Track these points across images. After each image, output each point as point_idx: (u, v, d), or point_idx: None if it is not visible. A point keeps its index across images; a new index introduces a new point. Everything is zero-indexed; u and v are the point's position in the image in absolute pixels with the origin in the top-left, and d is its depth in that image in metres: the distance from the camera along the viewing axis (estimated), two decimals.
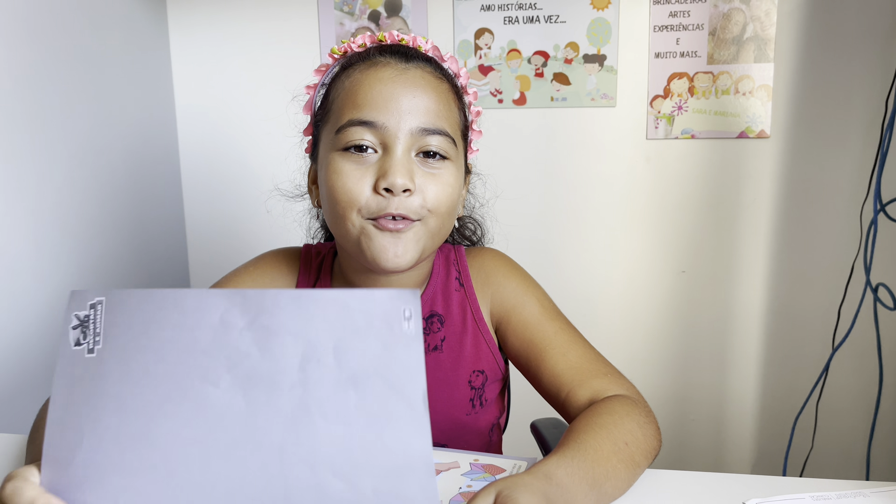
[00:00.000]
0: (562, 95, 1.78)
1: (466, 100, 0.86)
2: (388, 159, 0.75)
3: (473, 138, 0.88)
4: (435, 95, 0.78)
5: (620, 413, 0.72)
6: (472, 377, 0.87)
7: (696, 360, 1.88)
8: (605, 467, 0.65)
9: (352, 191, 0.75)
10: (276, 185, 1.02)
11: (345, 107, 0.78)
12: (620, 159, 1.80)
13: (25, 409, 1.33)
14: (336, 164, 0.77)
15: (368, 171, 0.76)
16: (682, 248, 1.83)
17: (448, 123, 0.79)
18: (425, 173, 0.77)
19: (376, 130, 0.75)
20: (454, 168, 0.79)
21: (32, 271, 1.35)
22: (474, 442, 0.89)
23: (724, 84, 1.73)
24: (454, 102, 0.82)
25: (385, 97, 0.76)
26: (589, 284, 1.86)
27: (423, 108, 0.76)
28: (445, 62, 0.84)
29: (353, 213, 0.76)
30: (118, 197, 1.63)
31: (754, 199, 1.77)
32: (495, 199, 1.04)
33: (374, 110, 0.75)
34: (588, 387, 0.79)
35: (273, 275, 0.90)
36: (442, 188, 0.77)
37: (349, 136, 0.76)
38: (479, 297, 0.89)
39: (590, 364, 0.82)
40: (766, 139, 1.74)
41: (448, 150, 0.78)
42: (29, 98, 1.33)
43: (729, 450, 1.91)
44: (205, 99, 1.88)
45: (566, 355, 0.83)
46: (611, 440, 0.68)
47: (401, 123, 0.75)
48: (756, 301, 1.82)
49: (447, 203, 0.78)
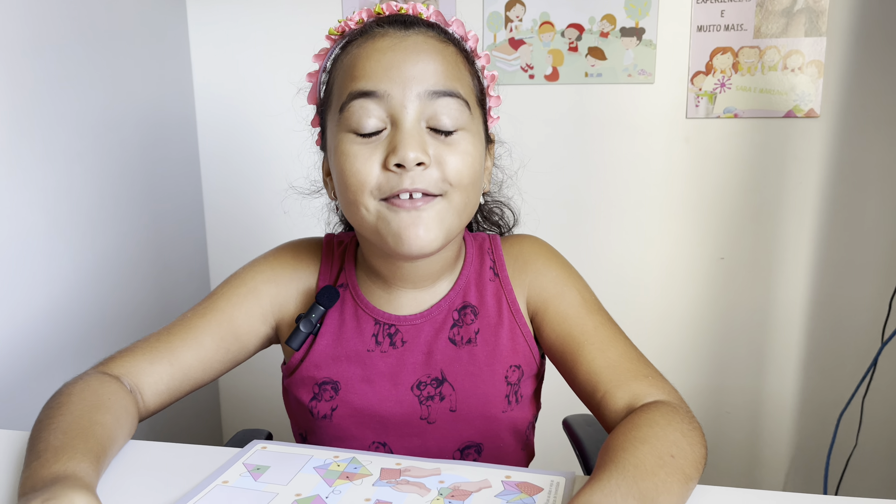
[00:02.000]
0: (597, 71, 1.69)
1: (479, 64, 0.79)
2: (397, 132, 0.69)
3: (492, 105, 0.81)
4: (441, 58, 0.72)
5: (661, 424, 0.65)
6: (508, 372, 0.81)
7: (733, 350, 1.79)
8: (652, 481, 0.58)
9: (360, 171, 0.70)
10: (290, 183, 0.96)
11: (345, 82, 0.72)
12: (658, 139, 1.71)
13: (28, 405, 1.29)
14: (342, 146, 0.71)
15: (377, 148, 0.70)
16: (722, 234, 1.74)
17: (460, 85, 0.72)
18: (440, 143, 0.71)
19: (380, 100, 0.70)
20: (471, 136, 0.73)
21: (45, 254, 1.30)
22: (510, 442, 0.83)
23: (772, 59, 1.62)
24: (464, 67, 0.75)
25: (385, 65, 0.70)
26: (621, 270, 1.78)
27: (431, 71, 0.70)
28: (450, 26, 0.77)
29: (366, 197, 0.70)
30: (134, 177, 1.57)
31: (800, 183, 1.67)
32: (522, 168, 0.97)
33: (375, 79, 0.70)
34: (627, 389, 0.73)
35: (294, 265, 0.86)
36: (461, 158, 0.71)
37: (352, 111, 0.70)
38: (514, 286, 0.83)
39: (630, 364, 0.76)
40: (815, 119, 1.64)
41: (462, 114, 0.72)
42: (43, 75, 1.27)
43: (766, 444, 1.83)
44: (223, 77, 1.81)
45: (605, 352, 0.76)
46: (654, 454, 0.61)
47: (406, 91, 0.69)
48: (799, 290, 1.73)
49: (469, 174, 0.72)
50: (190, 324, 0.81)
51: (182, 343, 0.79)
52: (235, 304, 0.82)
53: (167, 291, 1.72)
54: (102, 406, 0.68)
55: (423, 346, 0.80)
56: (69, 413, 0.66)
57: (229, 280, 0.86)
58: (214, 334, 0.81)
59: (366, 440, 0.81)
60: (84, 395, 0.69)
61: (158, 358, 0.78)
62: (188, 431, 1.82)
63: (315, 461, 0.68)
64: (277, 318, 0.85)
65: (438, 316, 0.81)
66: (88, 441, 0.63)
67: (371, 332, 0.81)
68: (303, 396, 0.82)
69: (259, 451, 0.71)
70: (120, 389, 0.73)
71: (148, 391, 0.77)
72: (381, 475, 0.65)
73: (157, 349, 0.78)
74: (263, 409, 1.96)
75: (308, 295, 0.85)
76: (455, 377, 0.79)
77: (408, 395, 0.80)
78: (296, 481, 0.64)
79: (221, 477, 0.65)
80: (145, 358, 0.77)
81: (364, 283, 0.83)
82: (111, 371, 0.76)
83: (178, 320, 0.82)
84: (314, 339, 0.82)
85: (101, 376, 0.74)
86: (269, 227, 1.86)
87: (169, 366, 0.78)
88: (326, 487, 0.63)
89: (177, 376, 0.79)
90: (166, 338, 0.79)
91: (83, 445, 0.62)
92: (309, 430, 0.84)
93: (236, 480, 0.64)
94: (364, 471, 0.66)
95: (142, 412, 0.76)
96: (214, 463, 0.69)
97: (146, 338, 0.80)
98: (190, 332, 0.80)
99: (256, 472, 0.66)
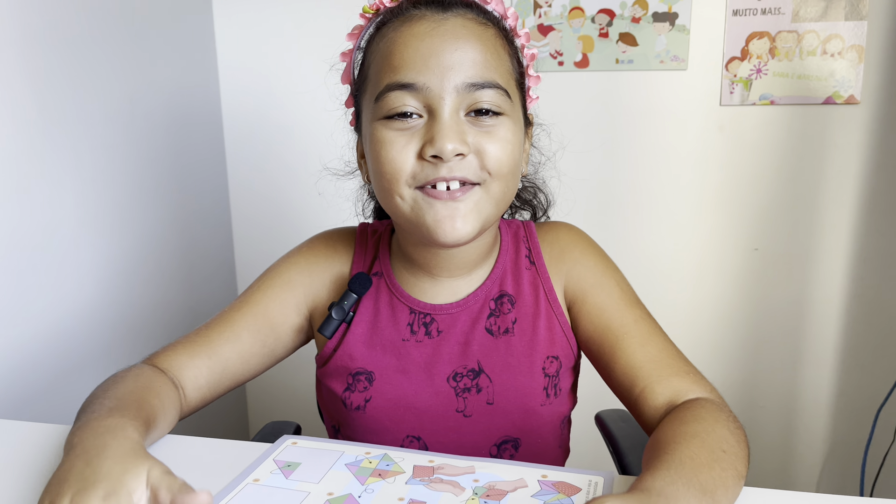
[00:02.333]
0: (628, 57, 1.65)
1: (518, 43, 0.77)
2: (435, 123, 0.68)
3: (531, 85, 0.79)
4: (480, 45, 0.70)
5: (710, 420, 0.64)
6: (546, 363, 0.79)
7: (767, 343, 1.75)
8: (709, 475, 0.56)
9: (395, 160, 0.69)
10: (324, 164, 0.95)
11: (381, 71, 0.71)
12: (691, 128, 1.67)
13: (61, 401, 1.29)
14: (378, 134, 0.70)
15: (414, 137, 0.69)
16: (756, 224, 1.70)
17: (499, 74, 0.71)
18: (479, 132, 0.69)
19: (418, 93, 0.68)
20: (511, 123, 0.71)
21: (74, 247, 1.30)
22: (548, 437, 0.82)
23: (810, 44, 1.57)
24: (504, 49, 0.73)
25: (423, 54, 0.68)
26: (652, 261, 1.75)
27: (469, 61, 0.68)
28: (489, 3, 0.74)
29: (401, 185, 0.69)
30: (160, 167, 1.57)
31: (839, 172, 1.62)
32: (562, 150, 0.94)
33: (412, 71, 0.68)
34: (667, 385, 0.71)
35: (327, 254, 0.85)
36: (501, 146, 0.70)
37: (389, 103, 0.69)
38: (551, 274, 0.81)
39: (670, 360, 0.74)
40: (855, 105, 1.58)
41: (502, 104, 0.70)
42: (66, 67, 1.27)
43: (800, 440, 1.79)
44: (248, 57, 1.80)
45: (645, 347, 0.75)
46: (706, 449, 0.59)
47: (444, 82, 0.68)
48: (836, 282, 1.68)
49: (509, 163, 0.70)
50: (227, 318, 0.81)
51: (219, 337, 0.79)
52: (270, 296, 0.82)
53: (195, 284, 1.72)
54: (153, 390, 0.70)
55: (460, 336, 0.79)
56: (124, 388, 0.68)
57: (265, 273, 0.85)
58: (251, 327, 0.81)
59: (399, 433, 0.79)
60: (139, 379, 0.70)
61: (198, 352, 0.78)
62: (214, 422, 1.82)
63: (346, 457, 0.67)
64: (311, 308, 0.84)
65: (475, 305, 0.80)
66: (141, 410, 0.65)
67: (406, 322, 0.80)
68: (336, 387, 0.81)
69: (290, 446, 0.70)
70: (168, 382, 0.74)
71: (189, 386, 0.77)
72: (414, 473, 0.63)
73: (197, 343, 0.79)
74: (291, 400, 1.95)
75: (341, 283, 0.84)
76: (492, 368, 0.78)
77: (444, 386, 0.78)
78: (327, 479, 0.63)
79: (252, 475, 0.64)
80: (185, 352, 0.78)
81: (399, 271, 0.82)
82: (158, 365, 0.76)
83: (217, 316, 0.82)
84: (347, 327, 0.81)
85: (152, 368, 0.75)
86: (297, 212, 1.85)
87: (208, 359, 0.78)
88: (359, 486, 0.62)
89: (216, 370, 0.79)
90: (205, 333, 0.80)
91: (137, 412, 0.64)
92: (342, 423, 0.83)
93: (267, 479, 0.63)
94: (396, 468, 0.64)
95: (183, 408, 0.76)
96: (244, 458, 0.68)
97: (187, 335, 0.81)
98: (227, 326, 0.80)
99: (287, 469, 0.65)
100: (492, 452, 0.79)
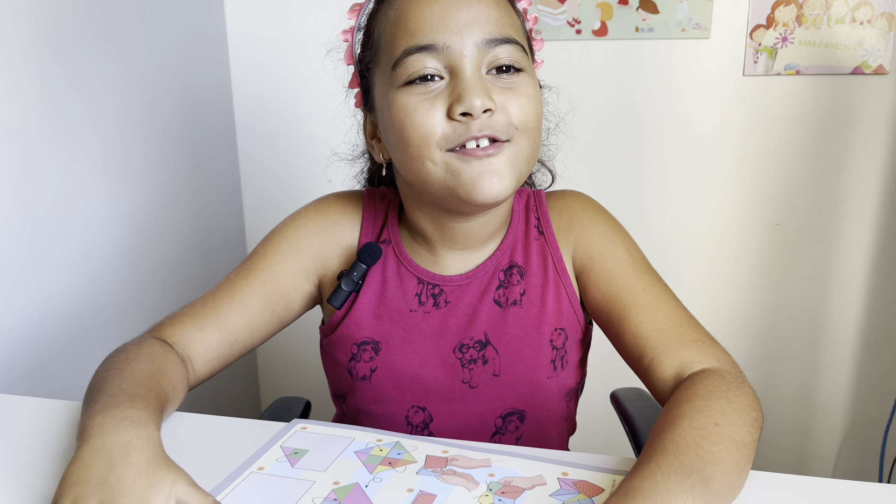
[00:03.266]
0: (648, 25, 1.59)
1: (520, 6, 0.76)
2: (459, 82, 0.66)
3: (536, 49, 0.78)
4: (493, 2, 0.70)
5: (703, 396, 0.62)
6: (553, 335, 0.78)
7: (787, 321, 1.71)
8: (695, 454, 0.55)
9: (422, 124, 0.67)
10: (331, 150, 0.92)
11: (396, 38, 0.69)
12: (713, 98, 1.61)
13: (69, 373, 1.28)
14: (400, 101, 0.68)
15: (438, 99, 0.67)
16: (778, 199, 1.65)
17: (514, 30, 0.71)
18: (502, 89, 0.68)
19: (438, 54, 0.67)
20: (531, 79, 0.71)
21: (84, 215, 1.28)
22: (554, 409, 0.81)
23: (839, 11, 1.51)
24: (512, 9, 0.73)
25: (439, 14, 0.67)
26: (672, 236, 1.70)
27: (485, 18, 0.68)
28: None
29: (432, 149, 0.67)
30: (170, 136, 1.54)
31: (866, 145, 1.57)
32: (571, 115, 0.92)
33: (431, 32, 0.67)
34: (675, 356, 0.69)
35: (337, 217, 0.83)
36: (526, 101, 0.69)
37: (409, 67, 0.67)
38: (560, 243, 0.80)
39: (679, 328, 0.72)
40: (884, 76, 1.52)
41: (521, 59, 0.70)
42: (75, 31, 1.24)
43: (818, 419, 1.76)
44: (257, 28, 1.75)
45: (653, 315, 0.73)
46: (694, 427, 0.58)
47: (464, 39, 0.67)
48: (860, 259, 1.63)
49: (534, 117, 0.70)
50: (234, 287, 0.79)
51: (228, 307, 0.77)
52: (278, 262, 0.80)
53: (206, 252, 1.70)
54: (166, 374, 0.68)
55: (468, 308, 0.78)
56: (139, 370, 0.66)
57: (270, 236, 0.83)
58: (259, 295, 0.79)
59: (405, 403, 0.78)
60: (152, 360, 0.68)
61: (206, 324, 0.76)
62: (225, 396, 1.81)
63: (357, 444, 0.64)
64: (320, 275, 0.82)
65: (484, 276, 0.78)
66: (158, 399, 0.63)
67: (414, 292, 0.79)
68: (341, 357, 0.80)
69: (299, 431, 0.67)
70: (176, 360, 0.72)
71: (198, 359, 0.75)
72: (426, 463, 0.61)
73: (205, 315, 0.77)
74: (302, 374, 1.94)
75: (350, 250, 0.82)
76: (499, 340, 0.77)
77: (450, 357, 0.77)
78: (334, 467, 0.61)
79: (257, 463, 0.61)
80: (194, 325, 0.76)
81: (407, 241, 0.81)
82: (167, 339, 0.74)
83: (223, 283, 0.80)
84: (356, 297, 0.79)
85: (162, 344, 0.73)
86: (304, 181, 1.82)
87: (217, 331, 0.76)
88: (367, 474, 0.59)
89: (226, 342, 0.77)
90: (212, 302, 0.78)
91: (154, 401, 0.62)
92: (347, 392, 0.81)
93: (272, 467, 0.61)
94: (408, 457, 0.62)
95: (191, 381, 0.75)
96: (254, 437, 0.66)
97: (192, 303, 0.78)
98: (235, 295, 0.78)
99: (294, 456, 0.62)
100: (497, 424, 0.79)
